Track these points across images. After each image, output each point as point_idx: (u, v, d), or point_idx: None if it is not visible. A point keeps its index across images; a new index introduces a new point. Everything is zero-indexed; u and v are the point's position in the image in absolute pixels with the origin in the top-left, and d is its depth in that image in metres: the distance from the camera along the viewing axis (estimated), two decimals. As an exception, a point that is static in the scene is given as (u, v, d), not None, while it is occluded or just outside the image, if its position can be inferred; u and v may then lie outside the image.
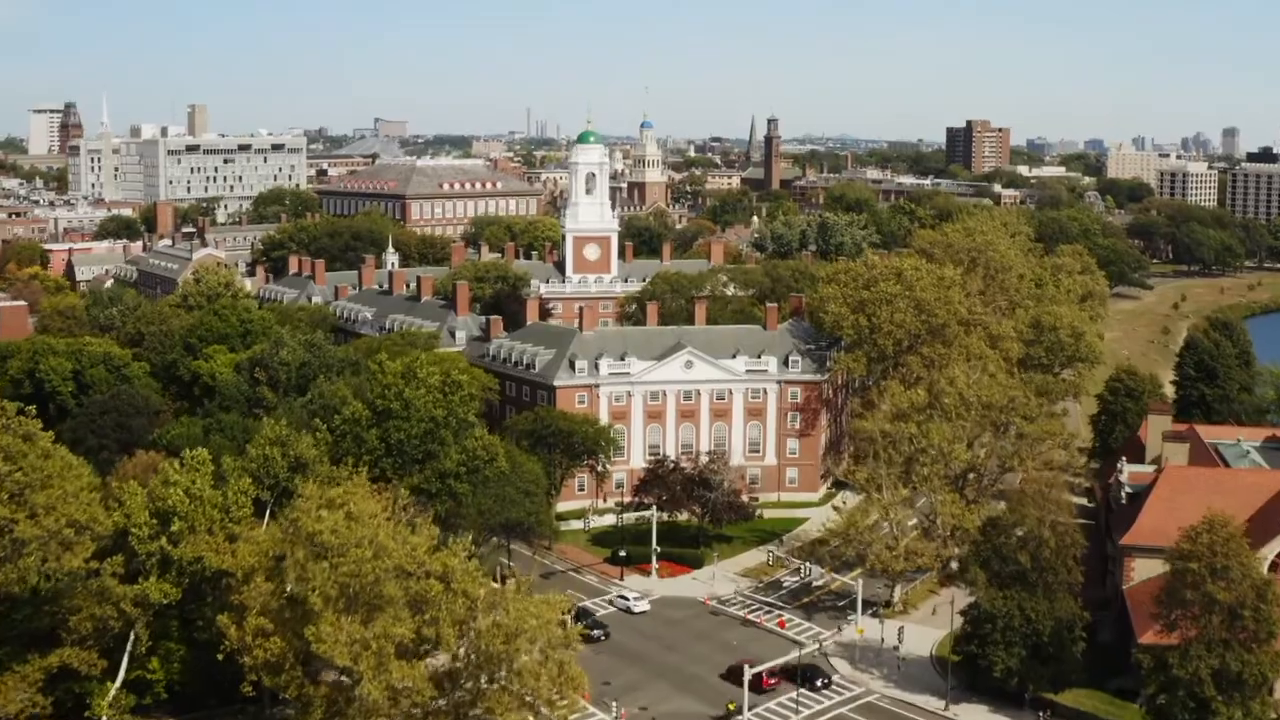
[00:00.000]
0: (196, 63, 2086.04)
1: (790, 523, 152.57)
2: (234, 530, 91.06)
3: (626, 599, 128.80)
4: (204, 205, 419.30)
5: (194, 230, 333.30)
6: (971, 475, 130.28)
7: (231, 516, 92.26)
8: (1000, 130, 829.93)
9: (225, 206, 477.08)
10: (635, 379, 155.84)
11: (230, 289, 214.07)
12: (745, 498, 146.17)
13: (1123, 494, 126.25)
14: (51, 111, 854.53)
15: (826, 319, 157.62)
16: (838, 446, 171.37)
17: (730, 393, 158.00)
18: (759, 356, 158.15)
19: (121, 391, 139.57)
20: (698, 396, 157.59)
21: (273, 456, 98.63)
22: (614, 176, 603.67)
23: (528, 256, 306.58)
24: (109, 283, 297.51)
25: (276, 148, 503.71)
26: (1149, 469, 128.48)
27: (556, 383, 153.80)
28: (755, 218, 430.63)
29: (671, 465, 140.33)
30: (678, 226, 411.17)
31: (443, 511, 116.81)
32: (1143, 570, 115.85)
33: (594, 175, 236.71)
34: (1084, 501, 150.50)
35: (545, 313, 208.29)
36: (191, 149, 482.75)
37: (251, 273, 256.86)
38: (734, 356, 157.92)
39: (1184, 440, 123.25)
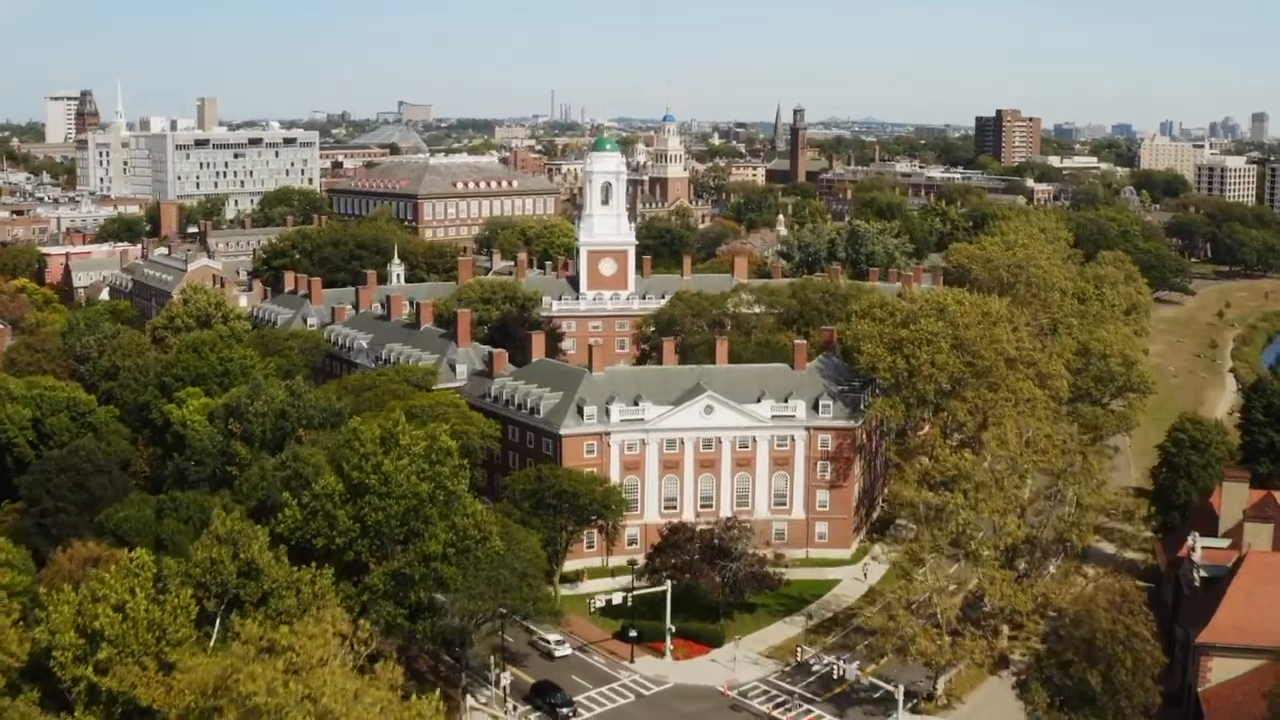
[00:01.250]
0: (217, 45, 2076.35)
1: (820, 586, 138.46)
2: (170, 656, 77.45)
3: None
4: (209, 205, 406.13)
5: (197, 232, 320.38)
6: (1024, 546, 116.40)
7: (168, 638, 78.60)
8: (1030, 120, 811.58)
9: (235, 203, 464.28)
10: (650, 426, 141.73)
11: (221, 310, 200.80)
12: (769, 554, 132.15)
13: (1195, 575, 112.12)
14: (68, 99, 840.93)
15: (861, 360, 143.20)
16: (871, 494, 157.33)
17: (754, 440, 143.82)
18: (786, 400, 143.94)
19: (80, 447, 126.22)
20: (718, 445, 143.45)
21: (220, 560, 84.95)
22: (636, 169, 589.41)
23: (542, 265, 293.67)
24: (104, 292, 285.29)
25: (289, 142, 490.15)
26: (1224, 544, 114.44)
27: (563, 430, 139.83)
28: (781, 215, 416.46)
29: (688, 534, 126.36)
30: (701, 226, 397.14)
31: (426, 598, 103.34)
32: (1220, 671, 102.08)
33: (610, 185, 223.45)
34: (1141, 558, 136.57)
35: (556, 336, 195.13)
36: (200, 144, 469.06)
37: (250, 287, 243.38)
38: (759, 400, 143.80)
39: (1268, 520, 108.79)
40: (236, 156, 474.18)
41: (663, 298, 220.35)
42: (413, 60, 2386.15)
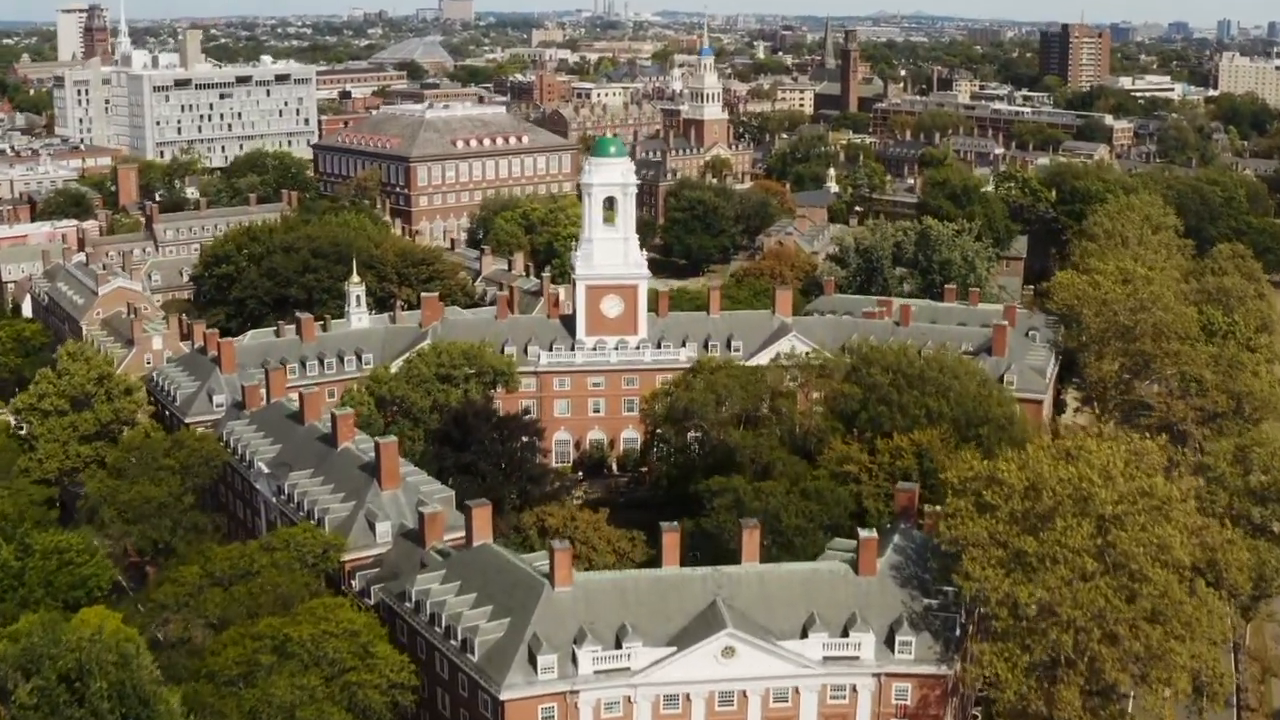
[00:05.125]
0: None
1: None
2: None
3: None
4: (176, 165, 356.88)
5: (145, 217, 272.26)
6: None
7: None
8: (1099, 34, 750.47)
9: (223, 149, 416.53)
10: (639, 679, 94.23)
11: (104, 385, 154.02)
12: None
13: None
14: (79, 11, 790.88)
15: (963, 583, 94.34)
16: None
17: (797, 693, 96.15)
18: (845, 631, 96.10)
19: None
20: (743, 702, 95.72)
21: None
22: (671, 97, 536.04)
23: (546, 261, 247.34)
24: (26, 300, 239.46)
25: (281, 79, 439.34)
26: None
27: (505, 693, 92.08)
28: (831, 169, 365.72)
29: None
30: (739, 186, 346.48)
31: None
32: None
33: (615, 200, 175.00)
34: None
35: (533, 432, 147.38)
36: (181, 84, 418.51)
37: (166, 318, 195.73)
38: (804, 632, 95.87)
39: None
40: (223, 97, 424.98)
41: (683, 344, 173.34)
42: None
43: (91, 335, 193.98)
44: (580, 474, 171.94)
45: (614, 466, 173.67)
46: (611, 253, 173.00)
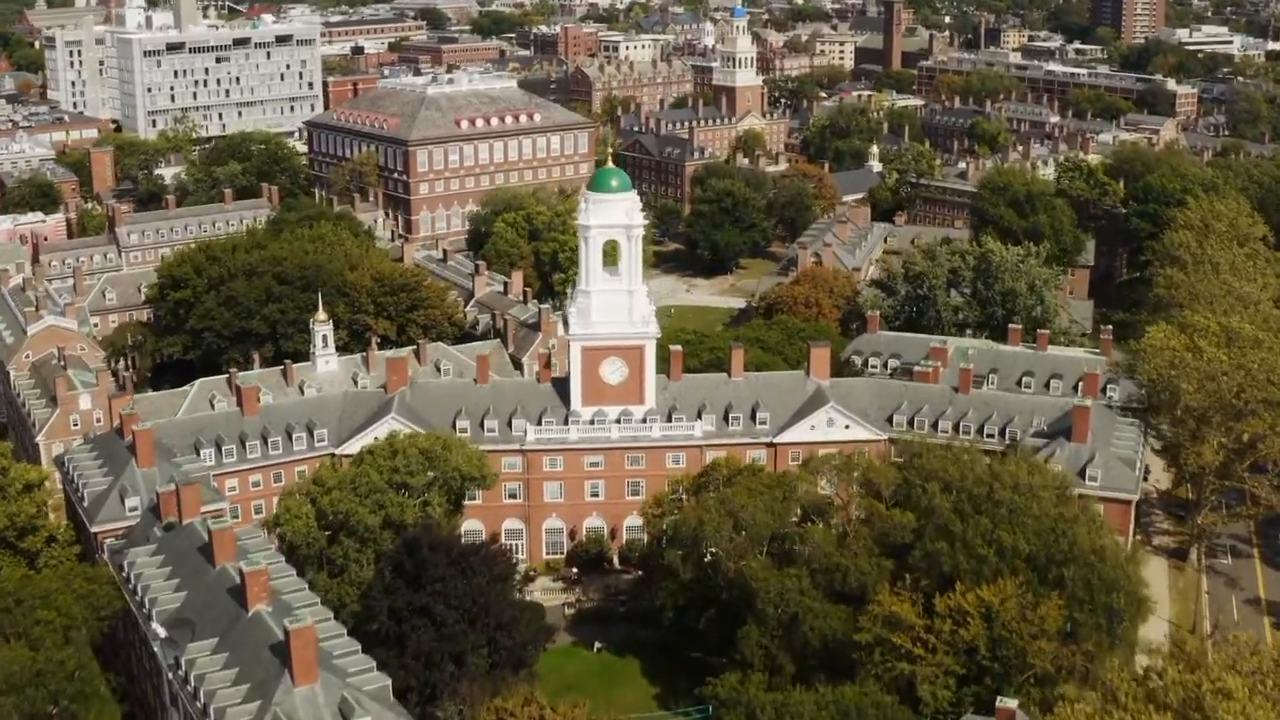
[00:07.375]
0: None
1: None
2: None
3: None
4: (165, 142, 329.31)
5: (108, 217, 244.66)
6: None
7: None
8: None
9: (220, 117, 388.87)
10: None
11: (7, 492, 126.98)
12: None
13: None
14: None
15: None
16: None
17: None
18: None
19: None
20: None
21: None
22: (702, 53, 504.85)
23: (551, 271, 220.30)
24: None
25: (283, 39, 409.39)
26: None
27: None
28: (874, 146, 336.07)
29: None
30: (772, 168, 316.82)
31: None
32: None
33: (618, 245, 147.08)
34: None
35: (500, 569, 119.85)
36: (174, 48, 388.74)
37: (112, 365, 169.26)
38: None
39: None
40: (219, 61, 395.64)
41: (699, 415, 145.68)
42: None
43: (17, 385, 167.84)
44: (575, 570, 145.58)
45: (615, 560, 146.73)
46: (613, 307, 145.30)
